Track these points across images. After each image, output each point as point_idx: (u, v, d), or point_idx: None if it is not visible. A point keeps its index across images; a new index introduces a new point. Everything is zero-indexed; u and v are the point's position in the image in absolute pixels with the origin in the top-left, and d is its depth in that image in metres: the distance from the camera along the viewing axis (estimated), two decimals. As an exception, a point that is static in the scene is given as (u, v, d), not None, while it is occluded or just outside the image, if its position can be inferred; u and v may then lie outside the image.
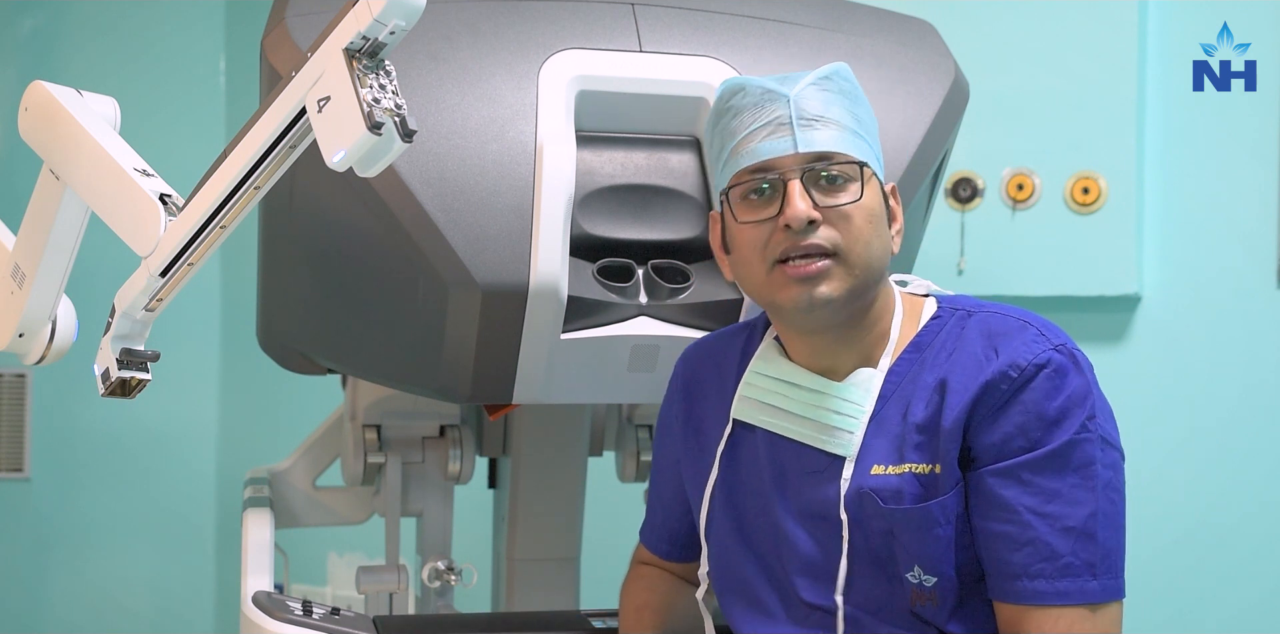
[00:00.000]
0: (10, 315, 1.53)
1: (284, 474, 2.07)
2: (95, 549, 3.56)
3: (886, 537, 1.35)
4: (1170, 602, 2.39)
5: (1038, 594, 1.29)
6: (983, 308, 1.40)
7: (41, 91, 1.47)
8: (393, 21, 1.15)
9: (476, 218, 1.53)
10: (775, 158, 1.34)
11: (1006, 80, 2.50)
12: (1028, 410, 1.30)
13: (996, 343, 1.33)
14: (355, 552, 3.36)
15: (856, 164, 1.35)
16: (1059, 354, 1.32)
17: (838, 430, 1.37)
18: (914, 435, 1.34)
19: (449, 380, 1.60)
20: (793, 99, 1.35)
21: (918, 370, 1.37)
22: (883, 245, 1.37)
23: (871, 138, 1.40)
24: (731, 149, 1.37)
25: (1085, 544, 1.29)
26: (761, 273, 1.35)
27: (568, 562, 2.08)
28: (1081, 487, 1.30)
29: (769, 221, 1.34)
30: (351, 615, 1.63)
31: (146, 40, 3.63)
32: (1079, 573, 1.28)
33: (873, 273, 1.35)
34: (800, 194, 1.33)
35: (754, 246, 1.35)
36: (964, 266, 2.52)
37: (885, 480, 1.34)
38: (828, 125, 1.35)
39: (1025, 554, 1.29)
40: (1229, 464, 2.38)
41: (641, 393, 1.70)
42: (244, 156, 1.28)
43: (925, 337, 1.39)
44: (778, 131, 1.34)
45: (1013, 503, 1.30)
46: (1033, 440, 1.30)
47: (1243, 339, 2.38)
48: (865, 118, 1.40)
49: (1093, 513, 1.29)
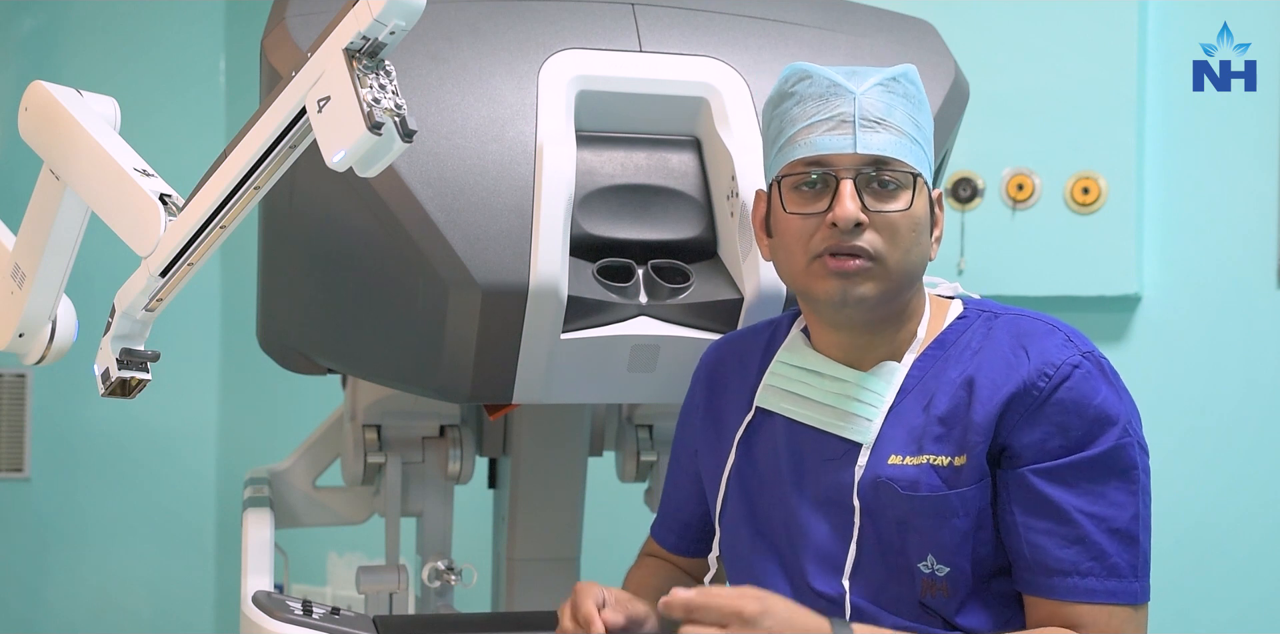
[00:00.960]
0: (10, 315, 1.53)
1: (284, 474, 2.07)
2: (95, 549, 3.56)
3: (900, 526, 1.36)
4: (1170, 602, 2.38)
5: (1089, 592, 1.31)
6: (1009, 310, 1.43)
7: (41, 91, 1.47)
8: (393, 21, 1.15)
9: (476, 218, 1.53)
10: (833, 154, 1.35)
11: (1006, 80, 2.50)
12: (1066, 410, 1.32)
13: (1025, 343, 1.36)
14: (355, 552, 3.36)
15: (911, 174, 1.36)
16: (1087, 361, 1.34)
17: (856, 417, 1.40)
18: (935, 427, 1.36)
19: (449, 380, 1.60)
20: (858, 97, 1.36)
21: (941, 366, 1.39)
22: (921, 253, 1.39)
23: (928, 144, 1.41)
24: (790, 137, 1.38)
25: (1129, 546, 1.32)
26: (802, 263, 1.37)
27: (568, 562, 2.08)
28: (1125, 490, 1.32)
29: (817, 216, 1.36)
30: (351, 615, 1.63)
31: (146, 40, 3.62)
32: (1124, 574, 1.31)
33: (908, 279, 1.38)
34: (851, 195, 1.34)
35: (798, 237, 1.37)
36: (964, 266, 2.52)
37: (903, 471, 1.36)
38: (889, 129, 1.36)
39: (1075, 552, 1.31)
40: (1229, 464, 2.38)
41: (641, 393, 1.70)
42: (244, 156, 1.28)
43: (950, 335, 1.42)
44: (839, 128, 1.35)
45: (1059, 501, 1.32)
46: (1072, 440, 1.32)
47: (1243, 339, 2.38)
48: (925, 123, 1.41)
49: (1135, 516, 1.32)
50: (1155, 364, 2.44)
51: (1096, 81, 2.44)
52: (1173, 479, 2.40)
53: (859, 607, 1.38)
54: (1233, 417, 2.38)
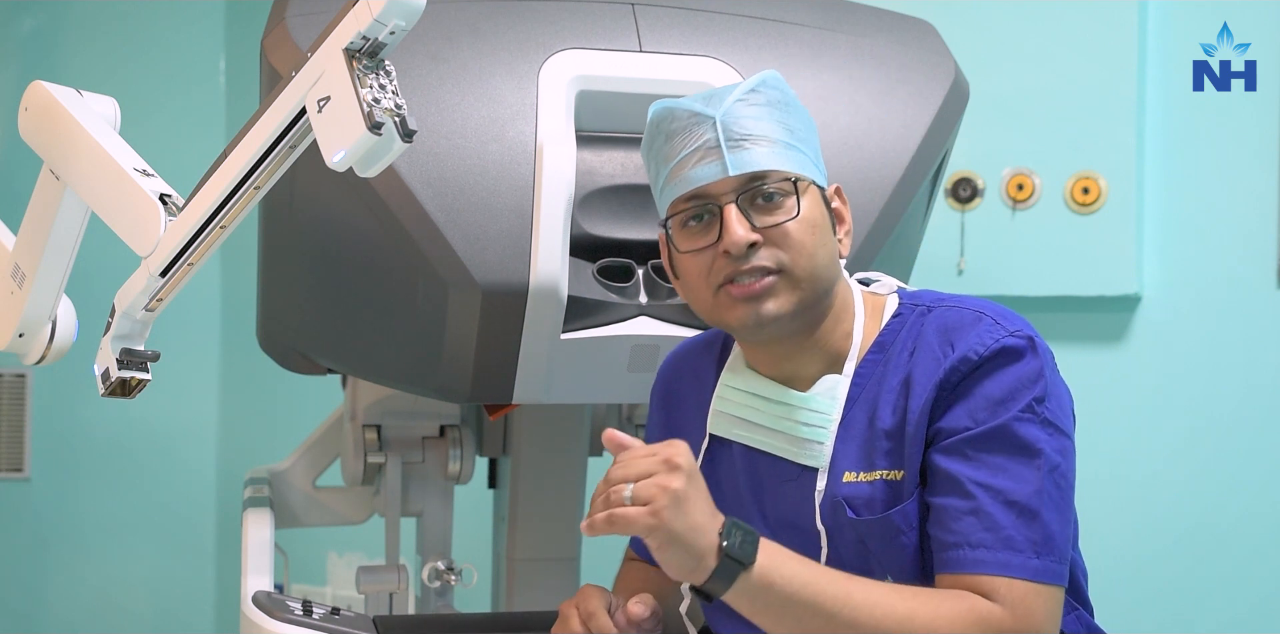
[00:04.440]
0: (10, 315, 1.53)
1: (284, 474, 2.07)
2: (95, 549, 3.56)
3: (859, 546, 1.34)
4: (1170, 602, 2.39)
5: (979, 563, 1.26)
6: (941, 302, 1.39)
7: (41, 91, 1.47)
8: (393, 21, 1.15)
9: (476, 218, 1.53)
10: (708, 184, 1.33)
11: (1006, 80, 2.50)
12: (974, 394, 1.30)
13: (952, 337, 1.33)
14: (355, 552, 3.36)
15: (790, 180, 1.34)
16: (1015, 338, 1.31)
17: (808, 442, 1.37)
18: (883, 442, 1.34)
19: (449, 380, 1.60)
20: (719, 120, 1.33)
21: (882, 372, 1.37)
22: (828, 253, 1.36)
23: (807, 145, 1.38)
24: (666, 176, 1.37)
25: (1028, 521, 1.26)
26: (709, 297, 1.35)
27: (568, 562, 2.08)
28: (1027, 465, 1.28)
29: (710, 248, 1.34)
30: (351, 615, 1.63)
31: (146, 40, 3.63)
32: (1021, 549, 1.26)
33: (820, 283, 1.35)
34: (737, 219, 1.32)
35: (698, 274, 1.35)
36: (964, 267, 2.52)
37: (857, 489, 1.34)
38: (757, 143, 1.33)
39: (967, 523, 1.27)
40: (1229, 464, 2.38)
41: (641, 393, 1.70)
42: (244, 156, 1.28)
43: (887, 335, 1.39)
44: (708, 156, 1.33)
45: (956, 474, 1.28)
46: (978, 421, 1.29)
47: (1243, 339, 2.38)
48: (798, 126, 1.38)
49: (1037, 491, 1.27)
50: (1155, 364, 2.44)
51: (1096, 81, 2.45)
52: (1173, 479, 2.41)
53: None
54: (1233, 417, 2.38)
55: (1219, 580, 2.37)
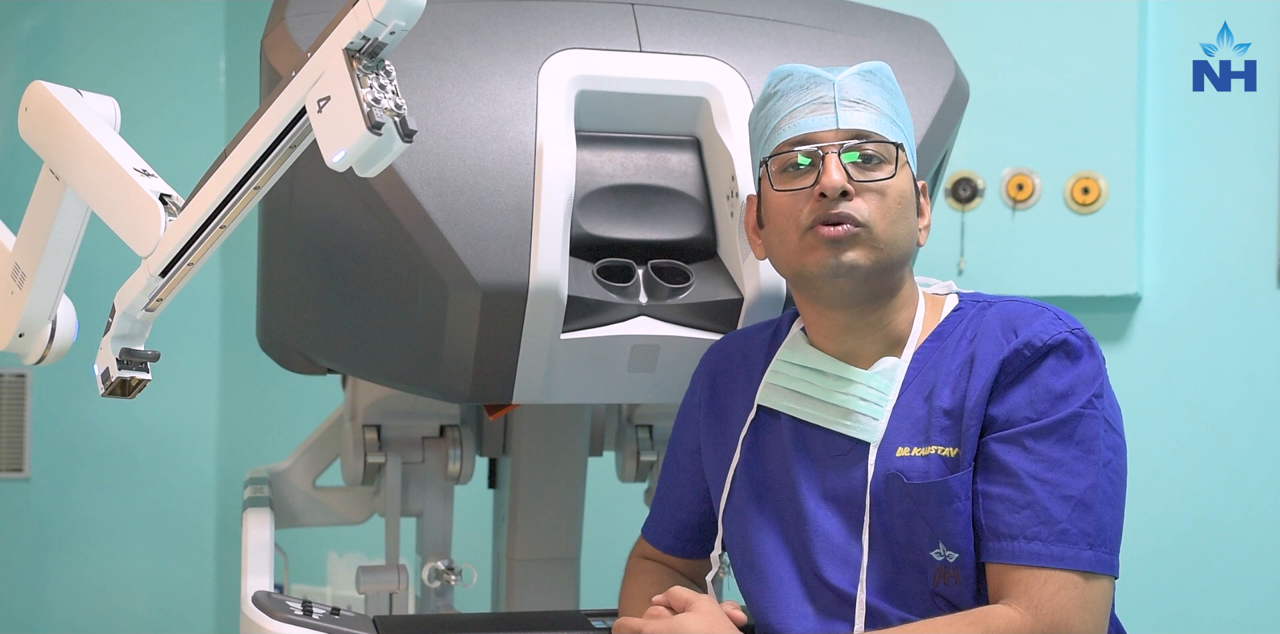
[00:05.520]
0: (10, 315, 1.53)
1: (284, 474, 2.07)
2: (95, 549, 3.56)
3: (908, 518, 1.37)
4: (1170, 602, 2.39)
5: (1033, 555, 1.31)
6: (1002, 299, 1.46)
7: (41, 91, 1.47)
8: (393, 21, 1.15)
9: (476, 218, 1.53)
10: (816, 131, 1.42)
11: (1006, 80, 2.50)
12: (1036, 385, 1.35)
13: (1016, 324, 1.39)
14: (355, 552, 3.35)
15: (893, 145, 1.41)
16: (1074, 337, 1.37)
17: (862, 416, 1.41)
18: (941, 419, 1.38)
19: (449, 380, 1.60)
20: (837, 82, 1.43)
21: (939, 357, 1.42)
22: (909, 229, 1.43)
23: (908, 131, 1.47)
24: (775, 126, 1.44)
25: (1083, 514, 1.31)
26: (794, 239, 1.41)
27: (568, 562, 2.08)
28: (1083, 459, 1.33)
29: (804, 190, 1.40)
30: (351, 615, 1.63)
31: (146, 40, 3.62)
32: (1074, 541, 1.31)
33: (897, 252, 1.41)
34: (836, 166, 1.40)
35: (788, 215, 1.42)
36: (964, 266, 2.52)
37: (911, 462, 1.38)
38: (868, 108, 1.43)
39: (1023, 516, 1.32)
40: (1229, 464, 2.38)
41: (641, 393, 1.70)
42: (244, 156, 1.28)
43: (947, 326, 1.45)
44: (821, 109, 1.42)
45: (1014, 467, 1.33)
46: (1039, 412, 1.34)
47: (1243, 339, 2.38)
48: (903, 112, 1.47)
49: (1092, 485, 1.32)
50: (1155, 364, 2.44)
51: (1096, 81, 2.44)
52: (1173, 479, 2.41)
53: (870, 603, 1.38)
54: (1233, 417, 2.38)
55: (1219, 580, 2.37)
